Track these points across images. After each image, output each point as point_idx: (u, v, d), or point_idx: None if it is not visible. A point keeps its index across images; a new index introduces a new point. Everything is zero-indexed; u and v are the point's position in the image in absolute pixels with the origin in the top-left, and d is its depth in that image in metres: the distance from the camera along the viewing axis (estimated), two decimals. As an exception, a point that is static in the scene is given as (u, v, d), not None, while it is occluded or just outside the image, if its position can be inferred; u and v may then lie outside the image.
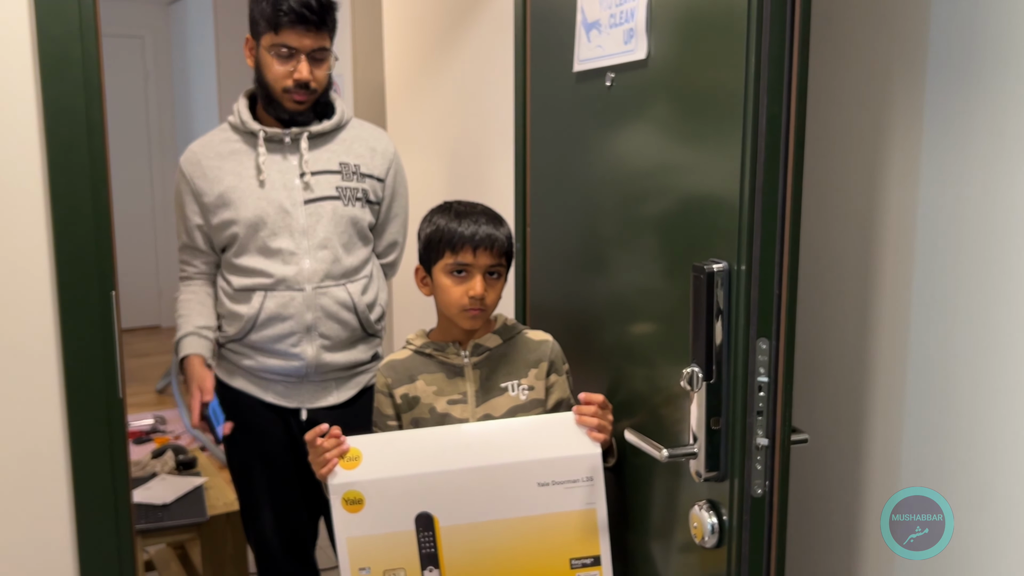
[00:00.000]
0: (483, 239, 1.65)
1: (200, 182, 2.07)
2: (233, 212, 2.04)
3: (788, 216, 1.29)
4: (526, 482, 1.58)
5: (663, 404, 1.56)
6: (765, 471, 1.34)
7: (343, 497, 1.58)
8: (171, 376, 5.26)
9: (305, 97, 2.04)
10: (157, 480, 2.71)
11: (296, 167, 2.07)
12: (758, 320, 1.31)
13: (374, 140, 2.20)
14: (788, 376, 1.32)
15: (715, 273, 1.33)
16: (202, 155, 2.09)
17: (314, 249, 2.06)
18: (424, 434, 1.63)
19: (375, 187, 2.17)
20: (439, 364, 1.72)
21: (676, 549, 1.53)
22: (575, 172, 1.83)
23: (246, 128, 2.07)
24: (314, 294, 2.05)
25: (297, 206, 2.05)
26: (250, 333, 2.07)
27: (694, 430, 1.39)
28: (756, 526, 1.36)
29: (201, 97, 6.23)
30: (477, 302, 1.64)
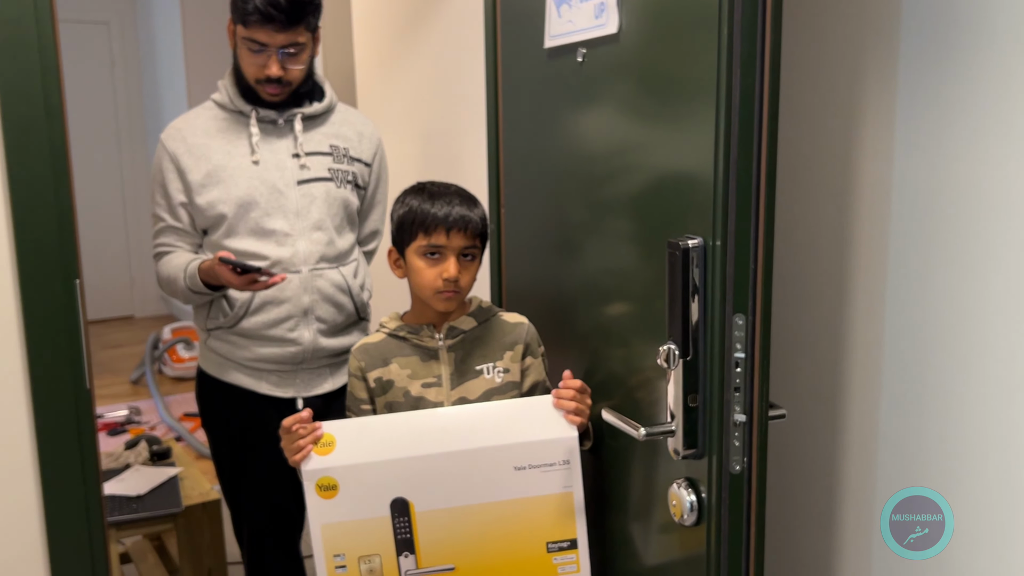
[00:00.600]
0: (456, 220, 1.62)
1: (186, 159, 1.99)
2: (223, 191, 1.97)
3: (763, 190, 1.28)
4: (502, 466, 1.56)
5: (640, 384, 1.54)
6: (743, 447, 1.33)
7: (317, 483, 1.55)
8: (145, 366, 5.20)
9: (278, 91, 1.99)
10: (131, 471, 2.67)
11: (288, 148, 2.02)
12: (734, 296, 1.30)
13: (361, 124, 2.17)
14: (765, 351, 1.31)
15: (690, 249, 1.31)
16: (188, 131, 2.02)
17: (308, 230, 2.01)
18: (399, 419, 1.60)
19: (362, 171, 2.13)
20: (413, 347, 1.70)
21: (655, 528, 1.52)
22: (548, 151, 1.80)
23: (235, 106, 2.02)
24: (310, 276, 2.01)
25: (290, 186, 2.00)
26: (243, 320, 2.01)
27: (671, 408, 1.37)
28: (735, 503, 1.35)
29: (170, 84, 6.14)
30: (451, 284, 1.62)
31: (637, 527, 1.59)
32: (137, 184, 6.89)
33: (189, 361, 5.30)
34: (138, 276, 6.97)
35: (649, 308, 1.49)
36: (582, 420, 1.56)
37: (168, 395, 5.00)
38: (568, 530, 1.58)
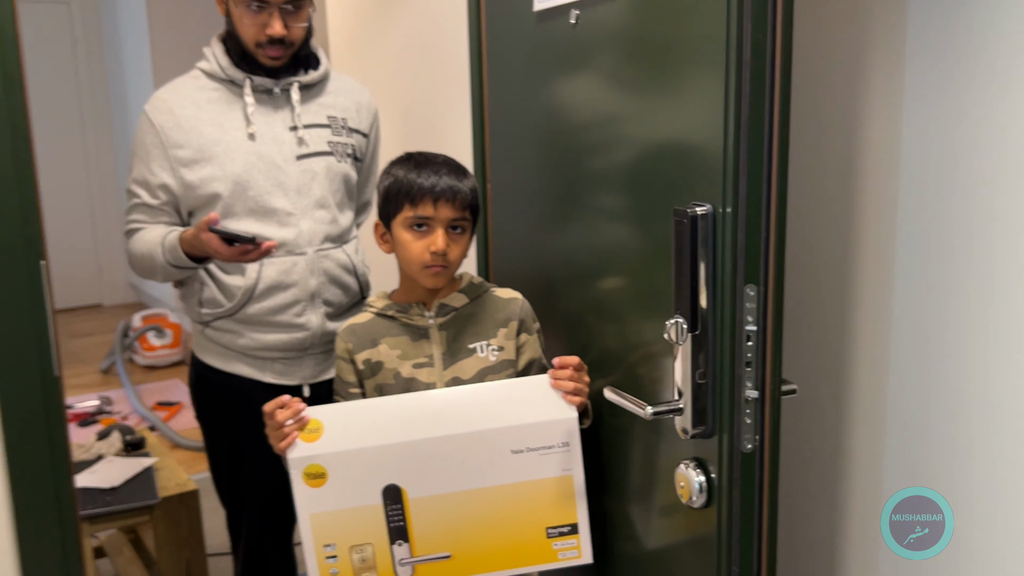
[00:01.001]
0: (444, 190, 1.54)
1: (175, 133, 1.84)
2: (216, 168, 1.83)
3: (775, 153, 1.21)
4: (499, 450, 1.49)
5: (640, 360, 1.47)
6: (755, 425, 1.27)
7: (304, 471, 1.47)
8: (115, 355, 5.07)
9: (280, 52, 1.86)
10: (104, 463, 2.57)
11: (285, 120, 1.90)
12: (745, 265, 1.23)
13: (357, 93, 2.05)
14: (777, 324, 1.25)
15: (699, 217, 1.24)
16: (174, 103, 1.87)
17: (311, 208, 1.89)
18: (389, 402, 1.52)
19: (360, 143, 2.02)
20: (402, 326, 1.62)
21: (660, 511, 1.46)
22: (538, 122, 1.73)
23: (227, 75, 1.88)
24: (316, 257, 1.89)
25: (289, 162, 1.88)
26: (246, 306, 1.89)
27: (679, 385, 1.31)
28: (747, 483, 1.29)
29: (135, 65, 5.97)
30: (439, 258, 1.54)
31: (639, 509, 1.52)
32: (103, 169, 6.72)
33: (160, 349, 5.18)
34: (106, 264, 6.81)
35: (649, 280, 1.42)
36: (581, 399, 1.50)
37: (139, 384, 4.88)
38: (568, 514, 1.52)
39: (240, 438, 2.00)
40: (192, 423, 4.36)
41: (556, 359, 1.50)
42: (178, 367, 5.22)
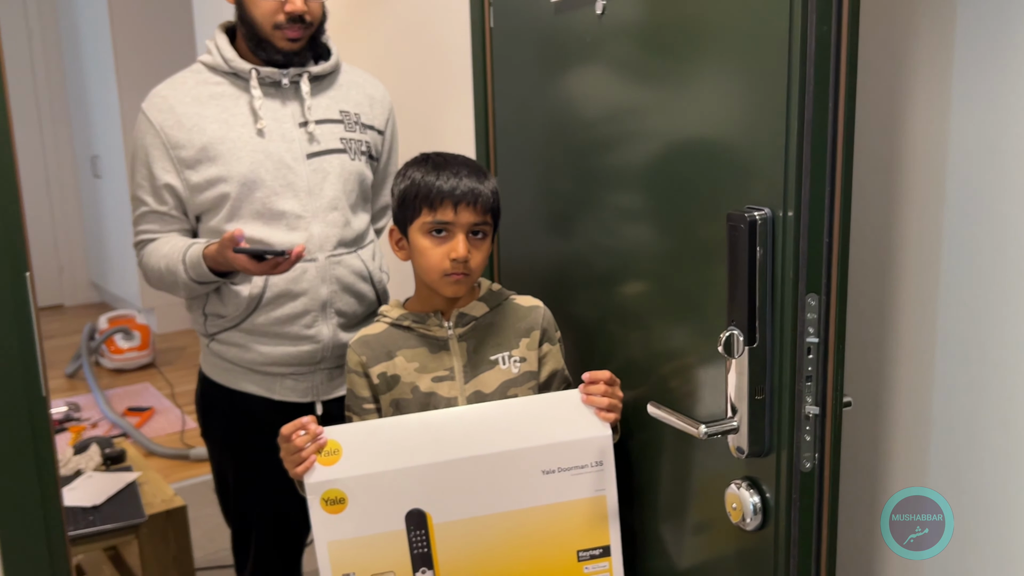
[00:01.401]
0: (465, 193, 1.44)
1: (176, 132, 1.71)
2: (222, 167, 1.70)
3: (840, 153, 1.13)
4: (529, 470, 1.40)
5: (673, 372, 1.40)
6: (815, 442, 1.19)
7: (322, 497, 1.37)
8: (81, 359, 4.89)
9: (300, 33, 1.72)
10: (83, 479, 2.43)
11: (295, 115, 1.76)
12: (807, 273, 1.15)
13: (371, 87, 1.92)
14: (840, 335, 1.17)
15: (757, 222, 1.15)
16: (174, 100, 1.73)
17: (323, 211, 1.75)
18: (412, 421, 1.43)
19: (376, 141, 1.88)
20: (419, 337, 1.52)
21: (705, 532, 1.38)
22: (555, 117, 1.63)
23: (231, 67, 1.73)
24: (328, 264, 1.75)
25: (299, 161, 1.74)
26: (252, 316, 1.75)
27: (733, 401, 1.22)
28: (806, 504, 1.21)
29: (94, 59, 5.76)
30: (460, 265, 1.45)
31: (678, 530, 1.44)
32: (62, 165, 6.49)
33: (129, 352, 5.01)
34: (67, 263, 6.58)
35: (685, 287, 1.35)
36: (616, 416, 1.41)
37: (108, 389, 4.71)
38: (601, 536, 1.43)
39: (249, 459, 1.87)
40: (167, 429, 4.25)
41: (587, 373, 1.41)
42: (147, 370, 5.06)
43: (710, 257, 1.29)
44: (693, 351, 1.35)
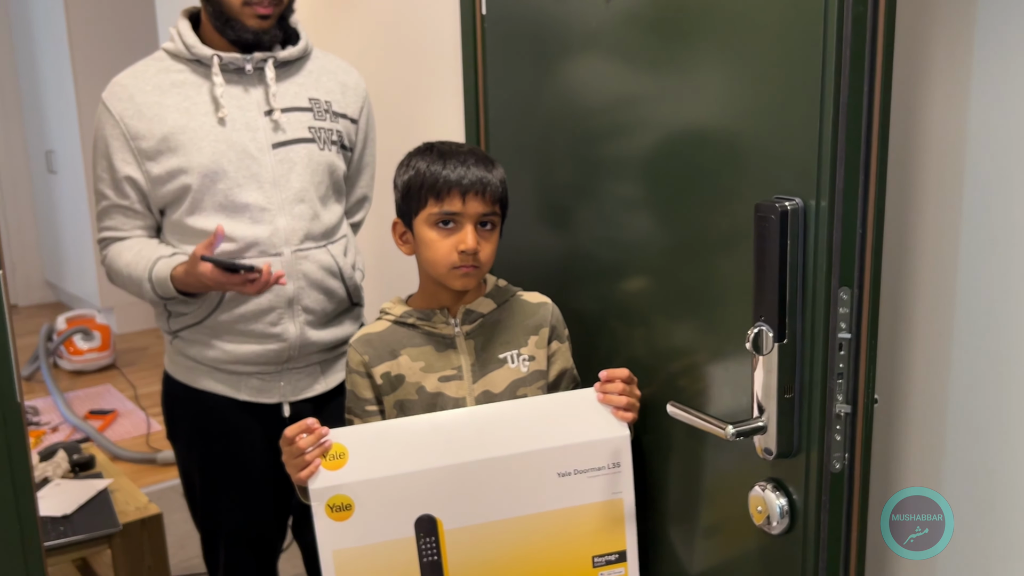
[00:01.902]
0: (473, 182, 1.38)
1: (135, 122, 1.64)
2: (183, 158, 1.63)
3: (876, 140, 1.08)
4: (544, 473, 1.34)
5: (686, 369, 1.35)
6: (844, 442, 1.15)
7: (327, 503, 1.30)
8: (39, 360, 4.73)
9: (271, 10, 1.64)
10: (52, 487, 2.32)
11: (260, 103, 1.68)
12: (840, 266, 1.10)
13: (343, 74, 1.83)
14: (872, 330, 1.13)
15: (788, 212, 1.10)
16: (135, 89, 1.66)
17: (289, 203, 1.67)
18: (420, 422, 1.36)
19: (348, 130, 1.80)
20: (425, 335, 1.45)
21: (727, 535, 1.33)
22: (560, 108, 1.57)
23: (193, 54, 1.66)
24: (294, 259, 1.68)
25: (264, 151, 1.66)
26: (214, 313, 1.68)
27: (760, 400, 1.17)
28: (835, 506, 1.17)
29: (49, 49, 5.57)
30: (470, 258, 1.38)
31: (696, 533, 1.39)
32: (14, 160, 6.28)
33: (89, 353, 4.85)
34: (19, 261, 6.37)
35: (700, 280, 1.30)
36: (633, 415, 1.36)
37: (68, 391, 4.56)
38: (617, 541, 1.38)
39: (216, 462, 1.80)
40: (131, 432, 4.12)
41: (603, 372, 1.36)
42: (108, 371, 4.91)
43: (729, 249, 1.24)
44: (711, 347, 1.30)
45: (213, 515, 1.87)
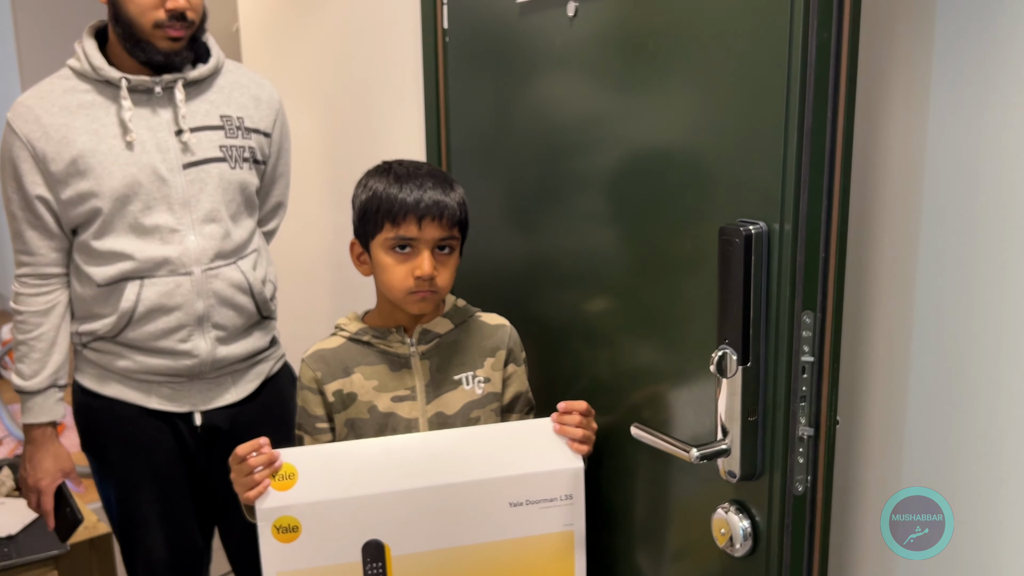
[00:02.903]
0: (430, 207, 1.36)
1: (43, 144, 1.62)
2: (93, 182, 1.62)
3: (839, 164, 1.09)
4: (496, 502, 1.31)
5: (652, 392, 1.34)
6: (807, 465, 1.15)
7: (274, 524, 1.27)
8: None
9: (183, 32, 1.63)
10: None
11: (169, 123, 1.67)
12: (804, 289, 1.11)
13: (256, 87, 1.82)
14: (835, 353, 1.13)
15: (753, 236, 1.10)
16: (41, 110, 1.64)
17: (199, 223, 1.67)
18: (373, 446, 1.34)
19: (261, 144, 1.79)
20: (380, 354, 1.43)
21: (689, 559, 1.33)
22: (522, 126, 1.56)
23: (99, 75, 1.65)
24: (204, 278, 1.68)
25: (175, 172, 1.66)
26: (125, 330, 1.68)
27: (724, 423, 1.17)
28: (797, 528, 1.17)
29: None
30: (426, 283, 1.36)
31: (660, 558, 1.39)
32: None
33: (35, 364, 4.72)
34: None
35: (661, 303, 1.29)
36: (589, 448, 1.34)
37: (12, 403, 4.44)
38: (566, 572, 1.36)
39: (130, 475, 1.79)
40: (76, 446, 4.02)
41: (562, 403, 1.35)
42: (55, 383, 4.78)
43: (693, 271, 1.24)
44: (675, 369, 1.30)
45: (131, 530, 1.84)
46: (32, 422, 1.73)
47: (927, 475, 1.34)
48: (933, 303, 1.29)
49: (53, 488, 1.75)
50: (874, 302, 1.36)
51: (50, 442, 1.75)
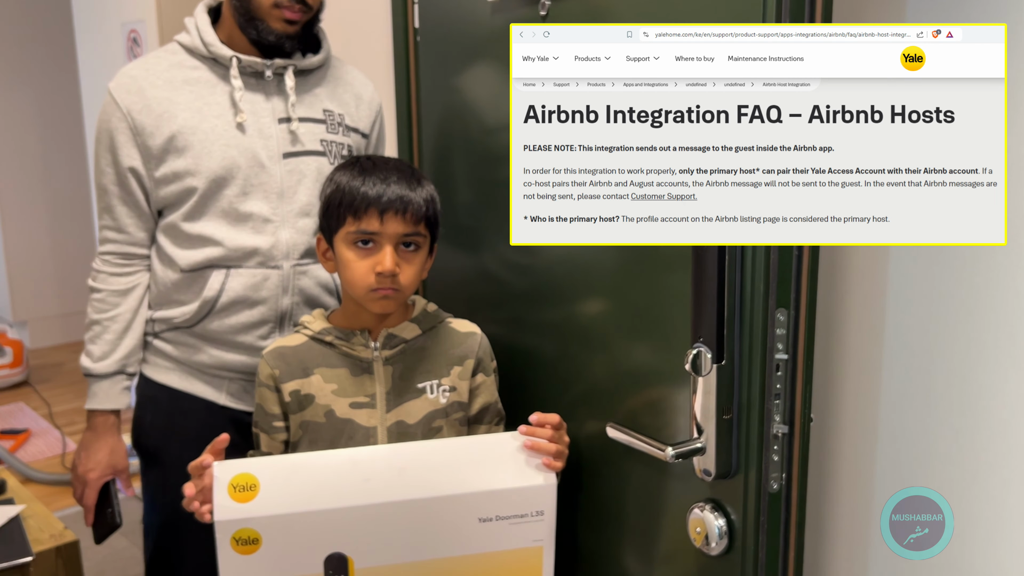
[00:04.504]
0: (392, 201, 1.33)
1: (143, 117, 1.55)
2: (191, 160, 1.55)
3: (812, 162, 1.09)
4: (464, 517, 1.28)
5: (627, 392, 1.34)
6: (782, 462, 1.16)
7: (233, 536, 1.24)
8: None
9: (300, 16, 1.56)
10: (-42, 514, 2.20)
11: (275, 110, 1.61)
12: (777, 288, 1.11)
13: (360, 85, 1.76)
14: (809, 351, 1.14)
15: (727, 234, 1.10)
16: (145, 82, 1.57)
17: (294, 216, 1.60)
18: (339, 457, 1.30)
19: (359, 144, 1.73)
20: (341, 356, 1.40)
21: (665, 559, 1.32)
22: (497, 125, 1.55)
23: (210, 52, 1.58)
24: (292, 273, 1.61)
25: (275, 160, 1.59)
26: (204, 320, 1.61)
27: (699, 421, 1.17)
28: (773, 525, 1.17)
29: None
30: (387, 280, 1.33)
31: (638, 557, 1.38)
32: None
33: (1, 369, 4.65)
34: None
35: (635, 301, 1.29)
36: (562, 464, 1.31)
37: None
38: None
39: (183, 475, 1.68)
40: (45, 452, 3.95)
41: (534, 416, 1.30)
42: (21, 389, 4.71)
43: (668, 271, 1.24)
44: (650, 369, 1.30)
45: (180, 535, 1.71)
46: (95, 407, 1.65)
47: (901, 471, 1.35)
48: (905, 300, 1.30)
49: (101, 483, 1.67)
50: (847, 300, 1.36)
51: (110, 433, 1.67)
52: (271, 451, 1.44)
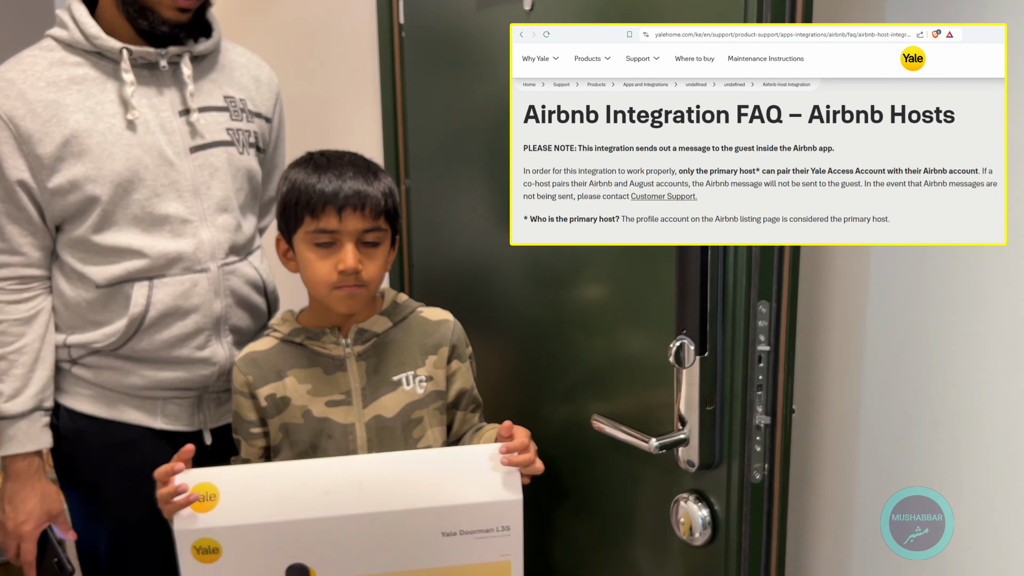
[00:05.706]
0: (349, 197, 1.30)
1: (28, 123, 1.40)
2: (90, 166, 1.41)
3: (794, 156, 1.10)
4: (428, 531, 1.27)
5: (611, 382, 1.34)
6: (764, 453, 1.17)
7: (193, 545, 1.23)
8: None
9: (193, 3, 1.45)
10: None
11: (174, 103, 1.48)
12: (759, 279, 1.12)
13: (256, 68, 1.63)
14: (791, 342, 1.15)
15: (710, 227, 1.11)
16: (25, 84, 1.41)
17: (212, 213, 1.50)
18: (301, 468, 1.28)
19: (263, 130, 1.63)
20: (313, 356, 1.38)
21: (648, 550, 1.33)
22: (482, 119, 1.53)
23: (95, 46, 1.43)
24: (221, 275, 1.51)
25: (182, 156, 1.47)
26: (132, 340, 1.48)
27: (683, 413, 1.18)
28: (756, 516, 1.19)
29: None
30: (351, 277, 1.30)
31: (621, 548, 1.39)
32: None
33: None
34: None
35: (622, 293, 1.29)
36: (530, 476, 1.30)
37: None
38: None
39: (128, 512, 1.55)
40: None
41: (505, 428, 1.28)
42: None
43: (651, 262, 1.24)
44: (633, 360, 1.30)
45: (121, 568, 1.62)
46: (15, 452, 1.46)
47: (882, 462, 1.37)
48: (886, 291, 1.31)
49: (37, 534, 1.49)
50: (829, 292, 1.38)
51: (36, 477, 1.48)
52: (250, 457, 1.42)
